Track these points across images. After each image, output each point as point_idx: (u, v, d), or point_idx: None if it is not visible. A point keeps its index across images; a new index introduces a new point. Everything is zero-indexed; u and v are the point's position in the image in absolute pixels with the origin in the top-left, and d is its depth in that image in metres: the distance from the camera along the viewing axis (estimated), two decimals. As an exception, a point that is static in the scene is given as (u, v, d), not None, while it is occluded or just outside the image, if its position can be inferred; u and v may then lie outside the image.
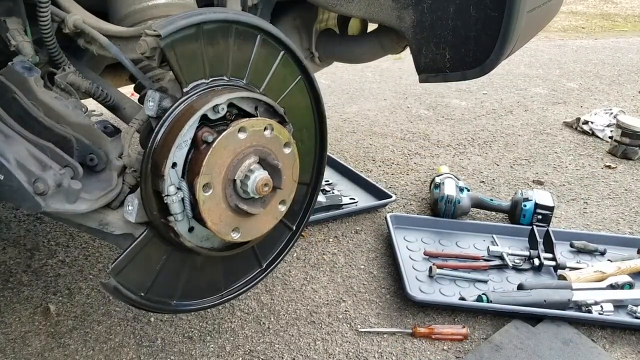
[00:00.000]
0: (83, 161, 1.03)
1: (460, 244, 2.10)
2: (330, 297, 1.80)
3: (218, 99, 0.99)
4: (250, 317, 1.69)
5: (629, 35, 6.33)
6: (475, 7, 1.46)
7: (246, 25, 1.08)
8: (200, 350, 1.56)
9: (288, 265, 1.95)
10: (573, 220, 2.35)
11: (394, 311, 1.75)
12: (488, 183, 2.66)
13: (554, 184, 2.68)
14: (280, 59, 1.16)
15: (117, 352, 1.54)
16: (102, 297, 1.73)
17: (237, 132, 1.00)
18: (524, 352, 1.56)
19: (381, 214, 2.30)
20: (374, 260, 2.02)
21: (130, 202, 1.03)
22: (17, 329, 1.59)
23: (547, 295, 1.70)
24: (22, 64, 1.05)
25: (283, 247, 1.34)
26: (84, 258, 1.93)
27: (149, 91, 1.01)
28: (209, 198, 0.99)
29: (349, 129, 3.33)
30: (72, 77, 1.14)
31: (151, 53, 0.96)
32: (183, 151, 0.98)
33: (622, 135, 2.98)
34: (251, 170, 1.02)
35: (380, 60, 2.32)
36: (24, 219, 2.14)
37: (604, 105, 3.77)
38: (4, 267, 1.85)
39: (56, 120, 1.03)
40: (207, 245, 1.10)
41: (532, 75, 4.56)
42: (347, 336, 1.64)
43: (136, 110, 1.15)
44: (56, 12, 1.14)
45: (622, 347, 1.63)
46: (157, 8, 1.24)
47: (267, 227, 1.14)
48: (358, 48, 2.04)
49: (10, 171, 0.92)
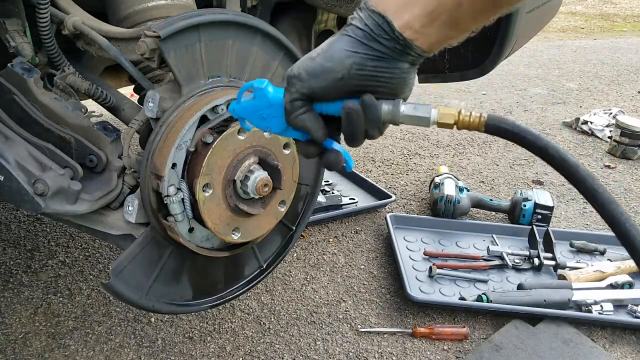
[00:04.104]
0: (83, 162, 1.03)
1: (460, 244, 2.10)
2: (330, 297, 1.81)
3: (217, 100, 1.00)
4: (251, 318, 1.69)
5: (628, 36, 6.34)
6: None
7: (245, 27, 1.08)
8: (200, 350, 1.56)
9: (288, 265, 1.95)
10: (573, 220, 2.35)
11: (394, 311, 1.75)
12: (488, 183, 2.66)
13: (554, 183, 2.68)
14: (279, 59, 1.16)
15: (117, 352, 1.54)
16: (103, 298, 1.74)
17: (237, 132, 1.00)
18: (524, 352, 1.56)
19: (381, 214, 2.30)
20: (374, 260, 2.02)
21: (130, 203, 1.03)
22: (17, 330, 1.59)
23: (547, 295, 1.70)
24: (21, 65, 1.05)
25: (283, 247, 1.35)
26: (84, 259, 1.93)
27: (148, 92, 1.01)
28: (209, 198, 0.99)
29: (349, 129, 3.33)
30: (72, 78, 1.14)
31: (150, 54, 0.96)
32: (183, 152, 0.99)
33: (622, 135, 2.98)
34: (251, 170, 1.02)
35: (379, 60, 2.31)
36: (24, 220, 2.14)
37: (603, 106, 3.77)
38: (4, 267, 1.85)
39: (56, 121, 1.03)
40: (207, 245, 1.11)
41: (532, 75, 4.56)
42: (348, 336, 1.64)
43: (136, 111, 1.15)
44: (55, 13, 1.14)
45: (622, 346, 1.63)
46: (157, 9, 1.24)
47: (267, 227, 1.14)
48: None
49: (10, 172, 0.92)
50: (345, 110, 0.72)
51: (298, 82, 0.74)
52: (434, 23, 0.67)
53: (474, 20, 0.68)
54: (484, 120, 0.70)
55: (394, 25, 0.68)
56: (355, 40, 0.70)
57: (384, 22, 0.68)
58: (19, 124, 1.01)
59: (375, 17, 0.69)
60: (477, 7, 0.66)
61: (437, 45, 0.71)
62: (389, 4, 0.68)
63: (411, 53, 0.70)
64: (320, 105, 0.75)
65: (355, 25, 0.71)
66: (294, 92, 0.74)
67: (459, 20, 0.67)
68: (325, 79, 0.72)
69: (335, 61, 0.71)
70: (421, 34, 0.68)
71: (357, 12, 0.71)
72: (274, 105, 0.78)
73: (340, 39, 0.72)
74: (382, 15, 0.68)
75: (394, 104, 0.73)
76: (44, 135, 1.02)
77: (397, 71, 0.71)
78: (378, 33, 0.69)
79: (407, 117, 0.72)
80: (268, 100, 0.78)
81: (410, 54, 0.70)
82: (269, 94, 0.78)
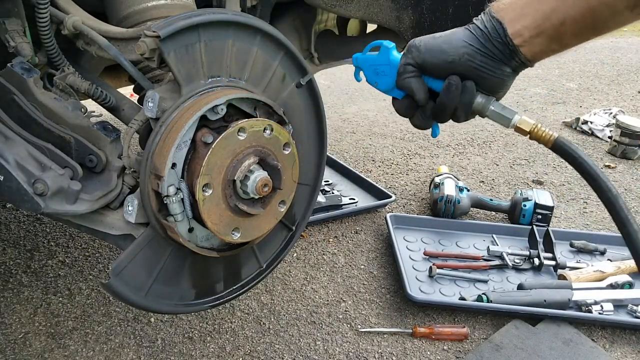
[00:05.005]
0: (82, 162, 1.03)
1: (460, 244, 2.10)
2: (330, 297, 1.81)
3: (217, 100, 0.99)
4: (251, 318, 1.69)
5: (628, 36, 6.33)
6: (474, 8, 1.46)
7: (245, 26, 1.08)
8: (200, 350, 1.56)
9: (288, 265, 1.95)
10: (573, 220, 2.35)
11: (394, 311, 1.75)
12: (488, 183, 2.66)
13: (554, 183, 2.68)
14: (279, 59, 1.16)
15: (117, 352, 1.54)
16: (103, 298, 1.73)
17: (237, 132, 1.00)
18: (524, 352, 1.56)
19: (381, 214, 2.30)
20: (374, 260, 2.02)
21: (130, 203, 1.03)
22: (17, 330, 1.59)
23: (547, 295, 1.70)
24: (21, 65, 1.05)
25: (283, 247, 1.34)
26: (84, 259, 1.93)
27: (148, 92, 1.01)
28: (208, 198, 0.99)
29: (349, 129, 3.33)
30: (72, 78, 1.14)
31: (150, 54, 0.96)
32: (182, 152, 0.98)
33: (622, 135, 2.98)
34: (251, 170, 1.02)
35: (379, 60, 2.32)
36: (24, 220, 2.14)
37: (604, 105, 3.77)
38: (3, 267, 1.85)
39: (55, 121, 1.03)
40: (207, 245, 1.10)
41: (531, 75, 4.56)
42: (348, 336, 1.64)
43: (135, 111, 1.15)
44: (55, 13, 1.14)
45: (622, 346, 1.63)
46: (157, 9, 1.24)
47: (267, 227, 1.14)
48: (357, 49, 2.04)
49: (10, 172, 0.92)
50: (449, 81, 0.84)
51: (416, 52, 0.86)
52: (541, 35, 0.79)
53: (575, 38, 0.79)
54: (553, 139, 0.83)
55: (508, 31, 0.80)
56: (473, 36, 0.83)
57: (500, 27, 0.81)
58: (18, 124, 1.00)
59: (494, 21, 0.81)
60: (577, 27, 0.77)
61: (540, 56, 0.82)
62: (507, 13, 0.81)
63: (516, 59, 0.82)
64: (427, 79, 0.88)
65: (477, 25, 0.83)
66: (409, 58, 0.87)
67: (562, 36, 0.78)
68: (439, 58, 0.84)
69: (452, 46, 0.83)
70: (528, 43, 0.80)
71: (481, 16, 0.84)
72: (390, 64, 0.91)
73: (462, 31, 0.84)
74: (500, 21, 0.81)
75: (487, 99, 0.85)
76: (44, 135, 1.01)
77: (499, 72, 0.83)
78: (493, 35, 0.81)
79: (494, 112, 0.85)
80: (388, 59, 0.91)
81: (515, 60, 0.82)
82: (391, 54, 0.91)
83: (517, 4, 0.80)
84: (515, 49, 0.80)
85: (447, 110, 0.86)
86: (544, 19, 0.77)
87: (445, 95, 0.85)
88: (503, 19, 0.80)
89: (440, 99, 0.86)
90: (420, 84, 0.87)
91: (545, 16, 0.77)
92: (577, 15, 0.75)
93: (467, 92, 0.84)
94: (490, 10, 0.83)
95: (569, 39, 0.79)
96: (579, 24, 0.76)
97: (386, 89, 0.93)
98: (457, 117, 0.87)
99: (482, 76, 0.83)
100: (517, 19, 0.79)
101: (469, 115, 0.87)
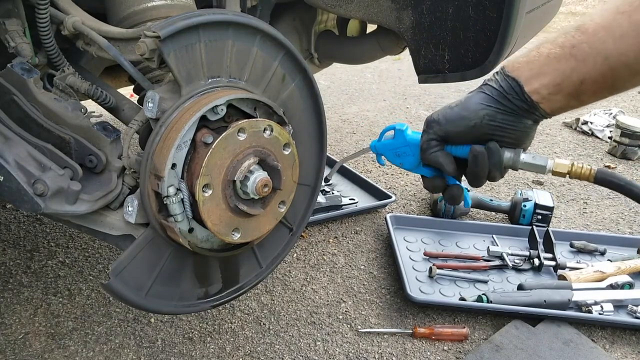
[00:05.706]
0: (82, 162, 1.03)
1: (460, 244, 2.10)
2: (330, 298, 1.80)
3: (217, 100, 0.99)
4: (251, 318, 1.69)
5: (628, 36, 6.33)
6: (474, 8, 1.46)
7: (245, 27, 1.08)
8: (200, 351, 1.56)
9: (288, 266, 1.95)
10: (573, 220, 2.35)
11: (394, 312, 1.75)
12: (487, 183, 2.66)
13: (554, 184, 2.68)
14: (279, 60, 1.16)
15: (117, 353, 1.54)
16: (103, 298, 1.73)
17: (237, 133, 1.00)
18: (524, 352, 1.56)
19: (381, 215, 2.30)
20: (374, 260, 2.02)
21: (130, 203, 1.03)
22: (17, 330, 1.59)
23: (547, 296, 1.70)
24: (21, 66, 1.05)
25: (283, 248, 1.34)
26: (84, 259, 1.93)
27: (148, 92, 1.01)
28: (208, 199, 0.99)
29: (349, 129, 3.33)
30: (71, 79, 1.14)
31: (150, 54, 0.96)
32: (182, 152, 0.98)
33: (622, 136, 2.98)
34: (251, 171, 1.02)
35: (379, 61, 2.32)
36: (24, 220, 2.14)
37: (603, 106, 3.77)
38: (3, 268, 1.85)
39: (55, 122, 1.03)
40: (206, 245, 1.10)
41: (532, 75, 4.55)
42: (348, 337, 1.64)
43: (135, 111, 1.15)
44: (55, 13, 1.14)
45: (622, 347, 1.63)
46: (157, 9, 1.24)
47: (267, 227, 1.14)
48: (357, 49, 2.04)
49: (10, 172, 0.92)
50: (473, 152, 0.86)
51: (436, 126, 0.89)
52: (560, 93, 0.80)
53: (594, 96, 0.80)
54: (594, 172, 0.86)
55: (525, 89, 0.82)
56: (489, 97, 0.85)
57: (517, 85, 0.82)
58: (18, 124, 1.00)
59: (510, 80, 0.83)
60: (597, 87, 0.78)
61: (559, 111, 0.84)
62: (522, 71, 0.83)
63: (535, 113, 0.83)
64: (451, 148, 0.90)
65: (491, 85, 0.85)
66: (431, 134, 0.90)
67: (581, 94, 0.80)
68: (460, 125, 0.87)
69: (471, 111, 0.85)
70: (547, 100, 0.82)
71: (494, 76, 0.86)
72: (409, 145, 0.96)
73: (476, 95, 0.87)
74: (516, 80, 0.83)
75: (516, 152, 0.86)
76: (44, 136, 1.01)
77: (521, 125, 0.85)
78: (510, 93, 0.83)
79: (525, 164, 0.87)
80: (405, 140, 0.96)
81: (534, 114, 0.84)
82: (407, 135, 0.96)
83: (534, 63, 0.81)
84: (535, 105, 0.82)
85: (480, 178, 0.89)
86: (563, 78, 0.79)
87: (474, 165, 0.87)
88: (519, 77, 0.82)
89: (470, 170, 0.88)
90: (446, 157, 0.90)
91: (565, 75, 0.78)
92: (598, 76, 0.76)
93: (493, 154, 0.86)
94: (504, 70, 0.85)
95: (588, 97, 0.80)
96: (599, 84, 0.77)
97: (411, 168, 0.97)
98: (493, 178, 0.89)
99: (505, 133, 0.85)
100: (535, 78, 0.81)
101: (503, 172, 0.88)
